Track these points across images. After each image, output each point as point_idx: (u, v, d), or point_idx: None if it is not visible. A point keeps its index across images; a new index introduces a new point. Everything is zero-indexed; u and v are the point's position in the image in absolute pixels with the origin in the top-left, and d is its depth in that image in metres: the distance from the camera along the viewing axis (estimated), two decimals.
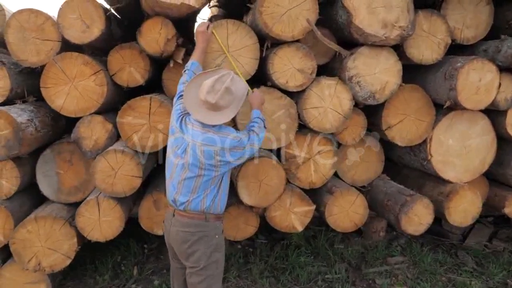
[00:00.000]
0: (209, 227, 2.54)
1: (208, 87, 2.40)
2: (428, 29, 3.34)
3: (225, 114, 2.47)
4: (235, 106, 2.53)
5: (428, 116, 3.62)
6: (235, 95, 2.52)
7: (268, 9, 3.01)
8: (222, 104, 2.43)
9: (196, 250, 2.50)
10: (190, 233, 2.50)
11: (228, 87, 2.44)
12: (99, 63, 3.30)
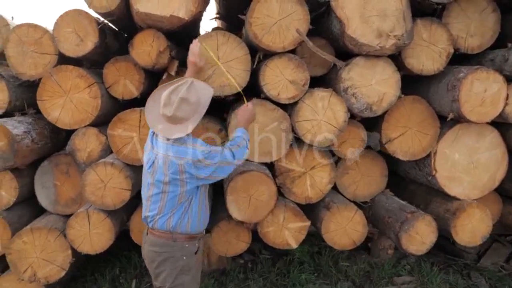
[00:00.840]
0: (176, 248, 2.40)
1: (164, 99, 2.28)
2: (428, 38, 3.17)
3: (186, 126, 2.32)
4: (198, 115, 2.36)
5: (432, 129, 3.43)
6: (196, 104, 2.34)
7: (257, 19, 2.94)
8: (180, 115, 2.29)
9: (162, 271, 2.40)
10: (157, 253, 2.40)
11: (183, 97, 2.27)
12: (94, 76, 3.31)
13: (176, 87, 2.31)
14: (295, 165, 3.28)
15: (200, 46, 2.80)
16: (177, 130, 2.30)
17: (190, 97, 2.30)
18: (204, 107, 2.40)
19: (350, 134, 3.41)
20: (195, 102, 2.34)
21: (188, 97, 2.29)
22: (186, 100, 2.29)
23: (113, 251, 4.31)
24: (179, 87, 2.31)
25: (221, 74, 3.05)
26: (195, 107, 2.34)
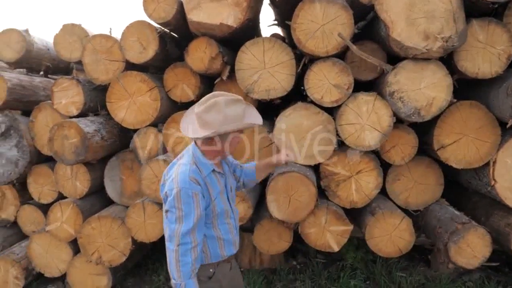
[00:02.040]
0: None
1: (203, 98, 2.01)
2: (485, 39, 2.98)
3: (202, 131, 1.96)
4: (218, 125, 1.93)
5: (492, 136, 3.20)
6: (229, 120, 1.94)
7: (301, 25, 3.00)
8: (205, 118, 1.95)
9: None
10: None
11: (219, 103, 1.93)
12: (155, 80, 3.61)
13: (218, 93, 2.01)
14: (340, 168, 3.27)
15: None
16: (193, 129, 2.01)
17: (227, 108, 1.94)
18: (234, 127, 1.97)
19: (400, 139, 3.32)
20: (229, 116, 1.94)
21: (223, 106, 1.93)
22: (219, 108, 1.93)
23: None
24: (221, 95, 1.99)
25: (266, 78, 3.16)
26: (225, 121, 1.94)
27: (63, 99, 3.80)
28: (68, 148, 3.53)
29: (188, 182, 1.93)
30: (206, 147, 2.04)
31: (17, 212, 4.27)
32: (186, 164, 2.01)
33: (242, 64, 3.21)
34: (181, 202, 1.92)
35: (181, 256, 1.92)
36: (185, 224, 1.92)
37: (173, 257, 1.94)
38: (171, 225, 1.95)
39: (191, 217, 1.93)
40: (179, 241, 1.92)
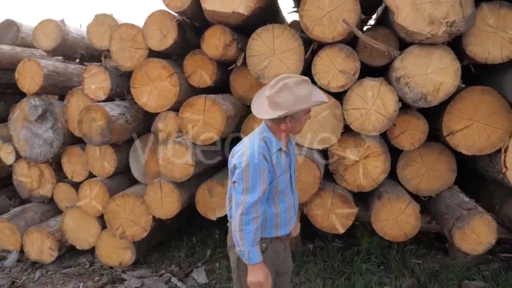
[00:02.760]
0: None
1: (272, 82, 2.16)
2: (496, 23, 2.94)
3: (274, 112, 2.10)
4: (290, 105, 2.08)
5: (504, 123, 3.15)
6: (299, 99, 2.08)
7: (308, 12, 3.09)
8: (277, 100, 2.08)
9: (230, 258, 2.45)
10: (228, 240, 2.43)
11: (288, 84, 2.07)
12: (174, 67, 3.82)
13: (286, 76, 2.16)
14: (348, 152, 3.35)
15: None
16: (267, 112, 2.14)
17: (297, 89, 2.09)
18: (305, 106, 2.12)
19: (409, 124, 3.35)
20: (299, 96, 2.09)
21: (294, 87, 2.08)
22: (290, 88, 2.08)
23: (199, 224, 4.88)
24: (289, 77, 2.14)
25: (276, 64, 3.28)
26: (296, 100, 2.08)
27: (92, 84, 4.10)
28: (95, 130, 3.82)
29: (257, 157, 2.09)
30: (276, 127, 2.20)
31: (53, 189, 4.66)
32: (256, 140, 2.17)
33: (252, 50, 3.35)
34: (249, 175, 2.07)
35: (244, 225, 2.08)
36: (251, 196, 2.08)
37: (237, 225, 2.10)
38: (238, 195, 2.11)
39: (256, 190, 2.08)
40: (243, 211, 2.07)
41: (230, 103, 3.62)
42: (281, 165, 2.23)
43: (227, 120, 3.44)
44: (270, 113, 2.13)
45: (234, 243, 2.20)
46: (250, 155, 2.09)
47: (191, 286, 3.90)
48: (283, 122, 2.16)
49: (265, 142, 2.17)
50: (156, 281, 3.97)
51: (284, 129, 2.20)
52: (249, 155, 2.09)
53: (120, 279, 4.05)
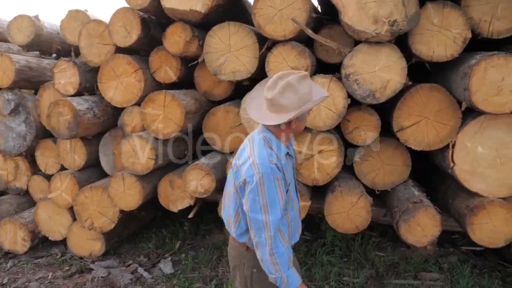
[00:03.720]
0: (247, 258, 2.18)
1: (270, 82, 1.97)
2: (440, 23, 3.03)
3: (282, 117, 1.92)
4: (296, 108, 1.92)
5: (452, 119, 3.26)
6: (304, 98, 1.94)
7: (261, 10, 3.19)
8: (282, 102, 1.91)
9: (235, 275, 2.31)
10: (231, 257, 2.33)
11: (291, 83, 1.91)
12: (140, 63, 3.93)
13: (286, 73, 1.98)
14: (304, 147, 3.46)
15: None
16: (272, 119, 1.95)
17: (300, 87, 1.93)
18: (312, 105, 1.99)
19: (363, 120, 3.45)
20: (304, 95, 1.94)
21: (297, 85, 1.92)
22: (293, 88, 1.92)
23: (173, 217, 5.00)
24: (289, 74, 1.96)
25: (232, 61, 3.39)
26: (302, 100, 1.93)
27: (62, 79, 4.21)
28: (63, 124, 3.94)
29: (269, 166, 1.88)
30: (279, 130, 2.02)
31: (28, 181, 4.79)
32: (262, 148, 1.96)
33: (210, 47, 3.46)
34: (265, 188, 1.87)
35: (274, 248, 1.88)
36: (272, 214, 1.88)
37: (266, 251, 1.89)
38: (257, 215, 1.88)
39: (276, 205, 1.89)
40: (270, 233, 1.86)
41: (191, 99, 3.73)
42: (289, 170, 2.09)
43: (187, 115, 3.55)
44: (277, 118, 1.92)
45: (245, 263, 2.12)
46: (262, 166, 1.89)
47: (156, 276, 4.04)
48: (289, 125, 2.00)
49: (271, 148, 1.99)
50: (122, 271, 4.10)
51: (289, 131, 2.04)
52: (261, 166, 1.89)
53: (88, 269, 4.18)
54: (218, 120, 3.73)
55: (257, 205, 1.88)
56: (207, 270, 4.12)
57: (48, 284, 3.95)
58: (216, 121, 3.74)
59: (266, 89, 1.96)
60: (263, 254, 1.92)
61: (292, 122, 1.99)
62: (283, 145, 2.05)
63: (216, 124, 3.74)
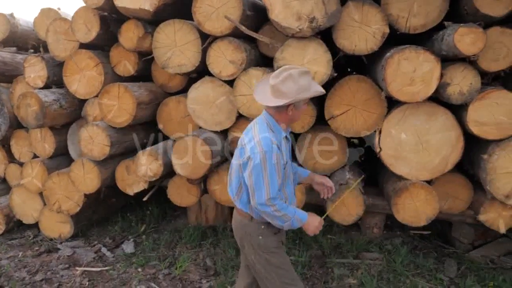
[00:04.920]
0: (252, 227, 2.48)
1: (275, 72, 2.36)
2: (361, 19, 3.34)
3: (280, 100, 2.30)
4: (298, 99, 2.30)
5: (378, 108, 3.58)
6: (302, 88, 2.30)
7: (200, 8, 3.53)
8: (283, 89, 2.27)
9: (244, 245, 2.58)
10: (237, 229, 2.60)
11: (292, 74, 2.28)
12: (101, 57, 4.29)
13: (290, 67, 2.36)
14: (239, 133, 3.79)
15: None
16: (272, 100, 2.33)
17: (300, 79, 2.30)
18: (308, 95, 2.34)
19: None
20: (302, 86, 2.30)
21: (297, 77, 2.29)
22: (294, 78, 2.28)
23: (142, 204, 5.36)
24: (292, 68, 2.34)
25: (178, 55, 3.73)
26: (299, 90, 2.30)
27: (31, 73, 4.59)
28: (31, 115, 4.31)
29: (271, 145, 2.24)
30: (279, 115, 2.38)
31: (5, 169, 5.18)
32: (265, 130, 2.32)
33: (158, 43, 3.80)
34: (267, 164, 2.21)
35: (277, 205, 2.26)
36: (273, 184, 2.23)
37: (273, 216, 2.27)
38: (261, 189, 2.22)
39: (275, 178, 2.24)
40: (272, 202, 2.24)
41: (145, 90, 4.08)
42: (286, 151, 2.44)
43: (139, 106, 3.90)
44: (275, 101, 2.30)
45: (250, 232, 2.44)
46: (266, 145, 2.23)
47: (117, 255, 4.41)
48: (286, 110, 2.35)
49: (272, 130, 2.35)
50: (87, 251, 4.48)
51: (286, 117, 2.38)
52: (264, 145, 2.23)
53: (56, 249, 4.57)
54: (170, 110, 4.08)
55: (260, 179, 2.24)
56: (165, 250, 4.49)
57: (18, 262, 4.33)
58: (169, 111, 4.09)
59: (271, 77, 2.35)
60: (272, 218, 2.31)
61: (289, 109, 2.35)
62: (282, 129, 2.43)
63: (169, 114, 4.09)
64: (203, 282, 3.91)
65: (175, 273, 4.01)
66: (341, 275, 3.94)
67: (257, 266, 2.54)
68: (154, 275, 4.02)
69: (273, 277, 2.51)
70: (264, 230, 2.45)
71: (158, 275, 4.02)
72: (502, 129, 3.33)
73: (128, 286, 3.87)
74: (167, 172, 3.89)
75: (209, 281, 3.91)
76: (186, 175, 3.74)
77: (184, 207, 4.78)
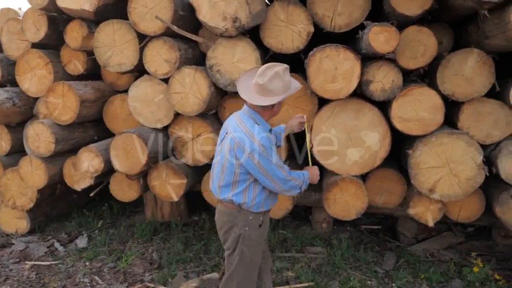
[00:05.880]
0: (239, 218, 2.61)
1: (260, 71, 2.47)
2: (286, 19, 3.48)
3: (270, 99, 2.46)
4: (283, 96, 2.49)
5: (310, 105, 3.73)
6: (287, 86, 2.49)
7: (135, 9, 3.69)
8: (270, 87, 2.43)
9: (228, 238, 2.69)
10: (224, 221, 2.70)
11: (279, 72, 2.44)
12: (51, 57, 4.46)
13: (273, 65, 2.49)
14: (183, 131, 3.96)
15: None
16: (261, 100, 2.47)
17: (284, 76, 2.48)
18: (287, 91, 2.52)
19: (237, 107, 3.88)
20: (287, 83, 2.50)
21: (282, 75, 2.46)
22: (280, 76, 2.45)
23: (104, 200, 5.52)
24: (276, 66, 2.48)
25: (117, 54, 3.90)
26: (285, 87, 2.49)
27: None
28: None
29: (266, 138, 2.46)
30: (264, 111, 2.55)
31: None
32: (253, 125, 2.48)
33: (98, 42, 3.96)
34: (269, 154, 2.44)
35: (297, 179, 2.58)
36: (281, 164, 2.52)
37: (295, 186, 2.58)
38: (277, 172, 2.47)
39: (278, 157, 2.51)
40: (290, 175, 2.54)
41: (91, 89, 4.25)
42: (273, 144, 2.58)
43: (82, 104, 4.06)
44: (266, 100, 2.46)
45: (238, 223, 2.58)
46: (262, 138, 2.43)
47: (69, 250, 4.59)
48: (272, 107, 2.53)
49: (258, 125, 2.51)
50: (40, 245, 4.66)
51: (270, 113, 2.57)
52: (260, 139, 2.42)
53: (10, 243, 4.75)
54: (115, 108, 4.25)
55: (272, 166, 2.46)
56: (117, 245, 4.66)
57: None
58: (114, 109, 4.26)
59: (256, 76, 2.48)
60: (293, 187, 2.59)
61: (275, 105, 2.55)
62: (267, 123, 2.59)
63: (114, 112, 4.26)
64: (146, 275, 4.08)
65: (120, 267, 4.18)
66: (281, 268, 4.09)
67: (231, 258, 2.69)
68: (100, 269, 4.19)
69: (241, 270, 2.68)
70: (251, 221, 2.61)
71: (104, 268, 4.20)
72: (425, 125, 3.47)
73: (73, 279, 4.04)
74: (109, 169, 4.05)
75: (151, 274, 4.07)
76: (124, 171, 3.91)
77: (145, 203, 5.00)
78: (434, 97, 3.43)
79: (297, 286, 3.74)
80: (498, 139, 3.59)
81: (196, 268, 4.16)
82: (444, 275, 3.91)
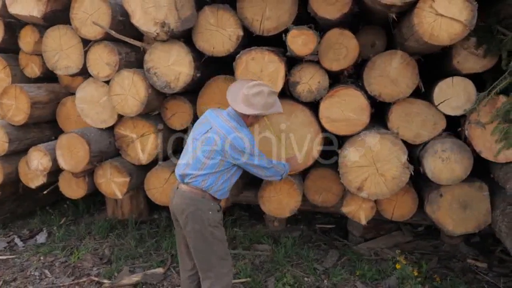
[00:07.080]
0: (203, 203, 2.89)
1: (251, 84, 2.93)
2: (216, 23, 3.66)
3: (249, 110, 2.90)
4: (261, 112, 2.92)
5: None
6: (266, 106, 2.93)
7: (77, 15, 3.91)
8: (252, 101, 2.87)
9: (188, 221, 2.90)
10: (187, 205, 2.89)
11: (263, 92, 2.89)
12: (9, 60, 4.72)
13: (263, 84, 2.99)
14: (128, 131, 4.17)
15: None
16: (242, 108, 2.92)
17: (269, 98, 2.93)
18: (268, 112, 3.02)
19: (178, 108, 4.13)
20: (267, 104, 2.93)
21: (267, 96, 2.92)
22: (264, 96, 2.89)
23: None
24: (264, 86, 2.96)
25: (64, 58, 4.13)
26: (266, 106, 2.93)
27: None
28: None
29: (252, 136, 2.95)
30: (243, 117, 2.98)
31: None
32: (240, 126, 2.90)
33: (46, 47, 4.20)
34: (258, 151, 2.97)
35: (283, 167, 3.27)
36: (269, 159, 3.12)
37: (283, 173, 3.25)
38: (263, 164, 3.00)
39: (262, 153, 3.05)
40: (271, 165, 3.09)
41: (44, 91, 4.49)
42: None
43: (34, 105, 4.30)
44: (245, 109, 2.91)
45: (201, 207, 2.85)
46: (251, 139, 2.90)
47: (28, 245, 4.84)
48: (249, 117, 2.98)
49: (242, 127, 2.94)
50: (0, 241, 4.92)
51: (247, 121, 3.02)
52: (250, 139, 2.88)
53: None
54: (68, 109, 4.49)
55: (263, 160, 3.01)
56: (74, 241, 4.90)
57: None
58: (66, 110, 4.50)
59: (247, 87, 2.93)
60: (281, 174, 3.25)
61: (251, 117, 2.99)
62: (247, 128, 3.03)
63: (67, 113, 4.50)
64: (93, 269, 4.30)
65: (71, 261, 4.41)
66: None
67: (199, 241, 2.88)
68: (51, 263, 4.43)
69: (214, 250, 2.89)
70: (213, 206, 2.91)
71: (56, 262, 4.44)
72: (351, 125, 3.62)
73: (25, 272, 4.29)
74: (58, 167, 4.28)
75: (99, 269, 4.29)
76: (69, 169, 4.14)
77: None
78: (359, 98, 3.58)
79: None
80: (427, 139, 3.71)
81: (144, 264, 4.37)
82: (382, 273, 4.04)
